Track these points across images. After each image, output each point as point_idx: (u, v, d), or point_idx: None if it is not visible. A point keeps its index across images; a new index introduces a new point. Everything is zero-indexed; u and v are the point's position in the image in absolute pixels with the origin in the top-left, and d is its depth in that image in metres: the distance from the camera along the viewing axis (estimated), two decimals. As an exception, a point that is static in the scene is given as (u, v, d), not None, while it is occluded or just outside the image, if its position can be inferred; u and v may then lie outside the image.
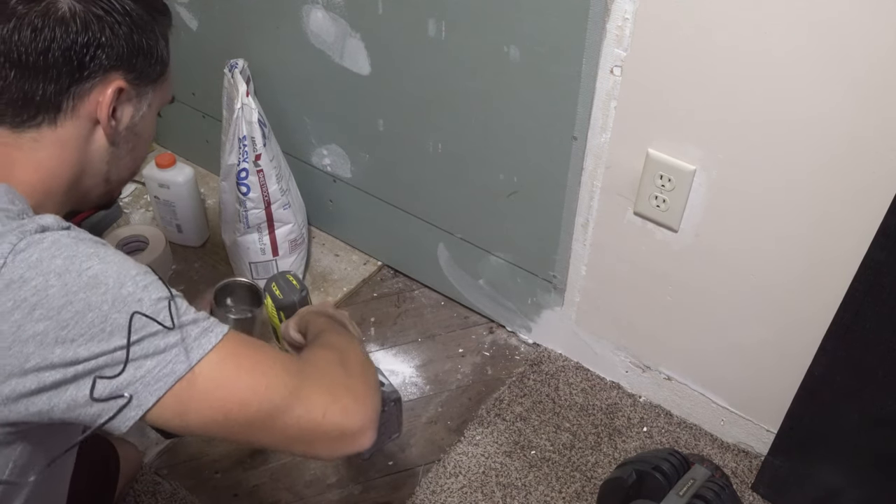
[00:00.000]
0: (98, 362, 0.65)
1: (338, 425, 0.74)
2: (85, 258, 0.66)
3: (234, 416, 0.70)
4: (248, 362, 0.72)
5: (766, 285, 1.16)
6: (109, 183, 0.84)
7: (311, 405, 0.73)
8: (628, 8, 1.03)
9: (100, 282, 0.66)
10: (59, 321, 0.64)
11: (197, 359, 0.68)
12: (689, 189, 1.14)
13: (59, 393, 0.65)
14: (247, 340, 0.74)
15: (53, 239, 0.67)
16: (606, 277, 1.36)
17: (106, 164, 0.81)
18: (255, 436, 0.73)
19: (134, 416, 0.67)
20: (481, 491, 1.31)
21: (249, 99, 1.42)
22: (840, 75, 0.92)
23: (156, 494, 1.29)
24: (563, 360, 1.53)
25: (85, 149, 0.79)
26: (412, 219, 1.58)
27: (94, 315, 0.65)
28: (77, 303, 0.65)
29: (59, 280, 0.65)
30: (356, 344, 0.90)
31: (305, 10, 1.39)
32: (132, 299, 0.66)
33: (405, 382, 1.49)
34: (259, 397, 0.71)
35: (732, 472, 1.35)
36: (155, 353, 0.67)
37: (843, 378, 1.10)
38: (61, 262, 0.66)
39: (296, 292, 1.17)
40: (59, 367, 0.65)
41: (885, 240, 0.96)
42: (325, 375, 0.77)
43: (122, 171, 0.85)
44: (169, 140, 1.95)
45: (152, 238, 1.69)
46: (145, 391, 0.66)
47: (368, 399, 0.78)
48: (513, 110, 1.24)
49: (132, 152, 0.84)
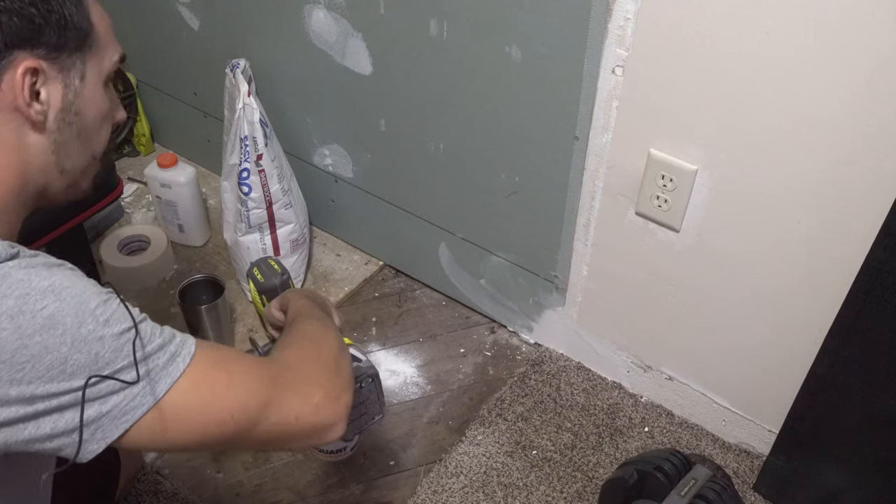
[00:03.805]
0: (61, 401, 0.63)
1: (310, 424, 0.76)
2: (39, 296, 0.62)
3: (211, 434, 0.71)
4: (222, 384, 0.71)
5: (767, 285, 1.16)
6: (68, 173, 0.75)
7: (284, 411, 0.74)
8: (630, 8, 1.03)
9: (57, 322, 0.62)
10: (13, 364, 0.61)
11: (165, 389, 0.67)
12: (691, 189, 1.14)
13: (18, 430, 0.63)
14: (216, 356, 0.72)
15: (2, 274, 0.62)
16: (608, 277, 1.36)
17: (52, 154, 0.72)
18: (230, 445, 0.74)
19: (97, 449, 0.66)
20: (482, 491, 1.31)
21: (251, 99, 1.42)
22: (843, 76, 0.92)
23: (157, 494, 1.29)
24: (564, 360, 1.53)
25: (20, 144, 0.69)
26: (414, 219, 1.58)
27: (52, 357, 0.62)
28: (33, 346, 0.61)
29: (11, 322, 0.60)
30: (331, 332, 0.90)
31: (307, 10, 1.39)
32: (93, 338, 0.63)
33: (406, 382, 1.50)
34: (235, 415, 0.71)
35: (734, 472, 1.34)
36: (121, 389, 0.65)
37: (845, 378, 1.10)
38: (13, 303, 0.61)
39: (277, 276, 1.17)
40: (15, 405, 0.62)
41: (887, 239, 0.96)
42: (296, 375, 0.78)
43: (76, 157, 0.75)
44: (170, 140, 1.95)
45: (154, 238, 1.69)
46: (111, 425, 0.65)
47: (340, 392, 0.80)
48: (514, 110, 1.25)
49: (81, 135, 0.74)
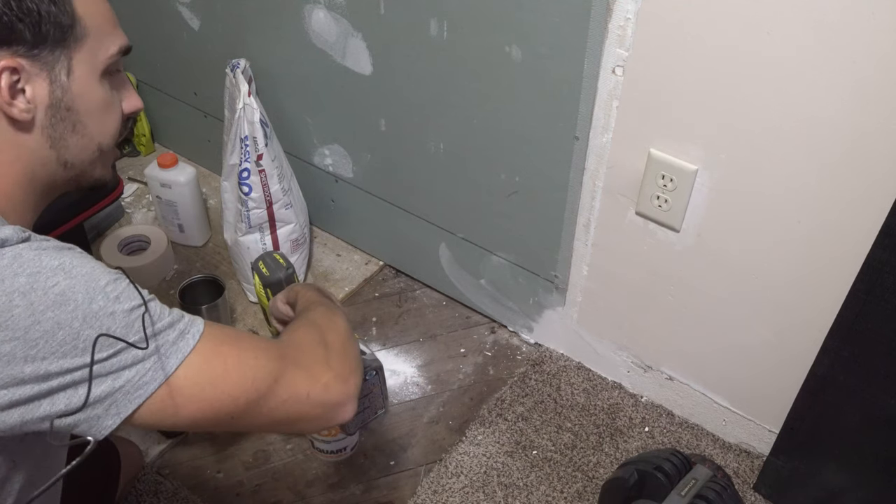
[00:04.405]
0: (74, 377, 0.64)
1: (321, 403, 0.77)
2: (50, 273, 0.64)
3: (224, 410, 0.72)
4: (232, 359, 0.72)
5: (767, 285, 1.16)
6: (73, 166, 0.75)
7: (294, 388, 0.75)
8: (630, 8, 1.03)
9: (68, 298, 0.63)
10: (26, 341, 0.62)
11: (176, 364, 0.68)
12: (691, 189, 1.14)
13: (33, 407, 0.64)
14: (225, 334, 0.74)
15: (14, 254, 0.64)
16: (608, 277, 1.36)
17: (49, 149, 0.73)
18: (242, 422, 0.75)
19: (112, 425, 0.67)
20: (483, 491, 1.31)
21: (251, 99, 1.42)
22: (843, 76, 0.92)
23: (158, 494, 1.29)
24: (564, 360, 1.53)
25: (17, 141, 0.71)
26: (414, 219, 1.58)
27: (64, 333, 0.63)
28: (45, 322, 0.63)
29: (23, 299, 0.62)
30: (340, 318, 0.90)
31: (307, 10, 1.39)
32: (104, 313, 0.65)
33: (407, 382, 1.49)
34: (247, 389, 0.72)
35: (734, 472, 1.34)
36: (133, 364, 0.66)
37: (846, 378, 1.10)
38: (25, 280, 0.63)
39: (282, 269, 1.18)
40: (30, 383, 0.63)
41: (887, 239, 0.96)
42: (305, 355, 0.79)
43: (77, 151, 0.75)
44: (171, 140, 1.95)
45: (154, 238, 1.69)
46: (124, 399, 0.67)
47: (349, 374, 0.80)
48: (514, 110, 1.24)
49: (77, 129, 0.73)
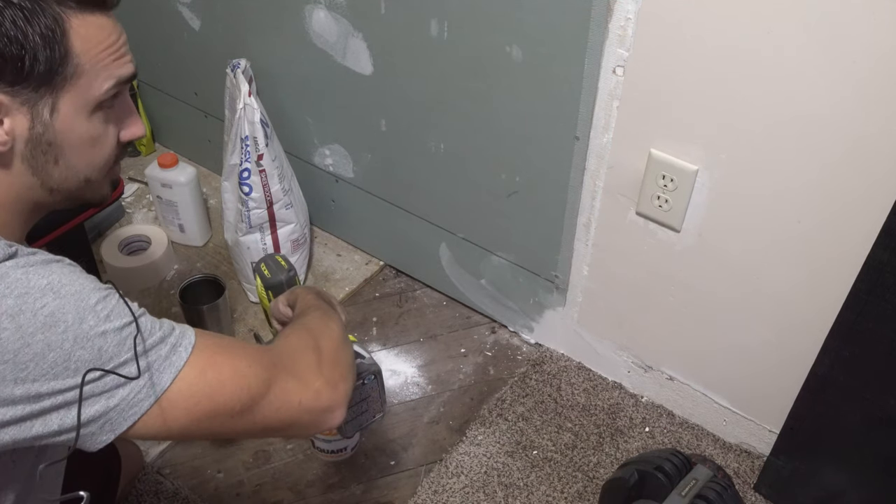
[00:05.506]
0: (66, 397, 0.64)
1: (311, 409, 0.78)
2: (39, 294, 0.63)
3: (218, 420, 0.72)
4: (227, 369, 0.72)
5: (768, 285, 1.16)
6: (56, 192, 0.74)
7: (287, 395, 0.76)
8: (631, 8, 1.03)
9: (58, 320, 0.63)
10: (16, 363, 0.62)
11: (170, 379, 0.68)
12: (692, 189, 1.14)
13: (25, 428, 0.64)
14: (217, 343, 0.74)
15: (0, 274, 0.63)
16: (608, 277, 1.36)
17: (32, 176, 0.71)
18: (235, 430, 0.75)
19: (106, 440, 0.67)
20: (483, 491, 1.31)
21: (252, 99, 1.42)
22: (844, 75, 0.92)
23: (158, 494, 1.29)
24: (565, 360, 1.53)
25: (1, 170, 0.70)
26: (414, 219, 1.58)
27: (55, 355, 0.63)
28: (35, 344, 0.62)
29: (12, 322, 0.61)
30: (335, 322, 0.91)
31: (308, 10, 1.39)
32: (94, 333, 0.64)
33: (407, 382, 1.49)
34: (242, 399, 0.72)
35: (735, 472, 1.34)
36: (126, 383, 0.66)
37: (846, 378, 1.10)
38: (13, 302, 0.62)
39: (283, 272, 1.18)
40: (21, 404, 0.63)
41: (888, 239, 0.95)
42: (297, 362, 0.79)
43: (62, 180, 0.73)
44: (171, 140, 1.95)
45: (154, 238, 1.69)
46: (119, 418, 0.67)
47: (339, 380, 0.81)
48: (515, 110, 1.24)
49: (60, 162, 0.71)
